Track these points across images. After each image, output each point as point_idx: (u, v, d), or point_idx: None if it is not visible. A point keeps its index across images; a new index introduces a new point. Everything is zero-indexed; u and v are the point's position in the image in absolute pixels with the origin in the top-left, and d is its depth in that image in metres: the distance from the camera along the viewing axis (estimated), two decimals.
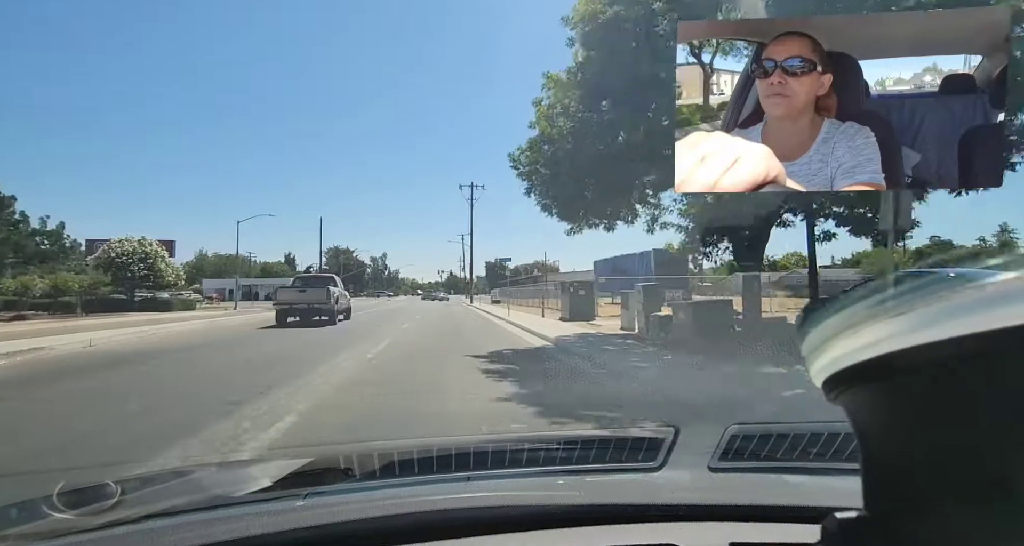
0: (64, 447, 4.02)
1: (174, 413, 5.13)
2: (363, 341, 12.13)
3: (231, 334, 15.30)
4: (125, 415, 5.07)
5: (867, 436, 0.56)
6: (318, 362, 8.49)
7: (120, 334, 13.54)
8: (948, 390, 0.45)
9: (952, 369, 0.43)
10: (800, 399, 5.02)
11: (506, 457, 1.40)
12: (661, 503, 0.99)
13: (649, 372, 7.53)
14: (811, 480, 1.27)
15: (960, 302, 0.40)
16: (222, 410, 4.93)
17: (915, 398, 0.48)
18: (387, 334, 14.10)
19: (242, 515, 0.92)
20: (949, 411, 0.46)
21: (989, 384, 0.41)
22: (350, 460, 1.45)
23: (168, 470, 1.67)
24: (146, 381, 7.40)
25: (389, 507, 0.94)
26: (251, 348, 11.37)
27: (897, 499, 0.53)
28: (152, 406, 5.47)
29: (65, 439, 4.24)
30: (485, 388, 6.20)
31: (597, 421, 4.72)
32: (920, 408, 0.48)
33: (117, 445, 4.06)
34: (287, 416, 4.76)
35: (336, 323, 18.50)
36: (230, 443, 3.98)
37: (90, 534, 0.88)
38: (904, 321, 0.44)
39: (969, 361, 0.41)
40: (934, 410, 0.47)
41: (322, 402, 5.51)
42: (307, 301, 18.60)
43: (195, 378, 7.70)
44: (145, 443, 3.98)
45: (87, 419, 4.95)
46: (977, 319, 0.38)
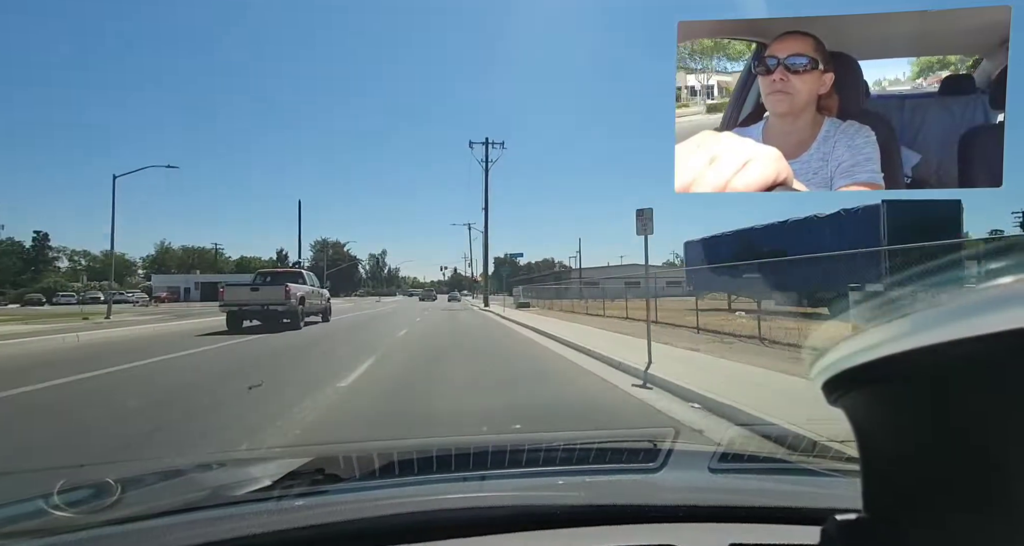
0: None
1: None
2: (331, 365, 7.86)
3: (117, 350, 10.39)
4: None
5: (867, 438, 0.56)
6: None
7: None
8: (948, 393, 0.45)
9: (952, 372, 0.43)
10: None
11: (506, 458, 1.40)
12: (661, 504, 0.99)
13: None
14: (811, 481, 1.28)
15: (960, 305, 0.41)
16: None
17: (915, 401, 0.48)
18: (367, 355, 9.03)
19: (241, 514, 0.93)
20: (949, 414, 0.46)
21: (989, 387, 0.42)
22: (349, 460, 1.45)
23: (168, 469, 1.66)
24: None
25: (388, 507, 0.95)
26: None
27: (897, 501, 0.53)
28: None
29: None
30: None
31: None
32: (920, 411, 0.48)
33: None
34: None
35: (301, 327, 15.52)
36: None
37: (89, 532, 0.88)
38: (904, 324, 0.44)
39: (969, 364, 0.41)
40: (934, 413, 0.47)
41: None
42: (261, 301, 15.34)
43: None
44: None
45: None
46: (977, 322, 0.38)
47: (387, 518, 0.90)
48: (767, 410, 4.45)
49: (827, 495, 1.05)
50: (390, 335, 13.87)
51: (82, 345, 11.97)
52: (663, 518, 0.95)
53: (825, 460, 1.73)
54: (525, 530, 0.90)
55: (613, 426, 4.49)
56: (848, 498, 0.71)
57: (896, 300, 0.48)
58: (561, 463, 1.38)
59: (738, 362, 7.74)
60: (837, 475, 1.21)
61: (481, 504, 0.99)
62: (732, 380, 6.27)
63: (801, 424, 3.71)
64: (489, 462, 1.38)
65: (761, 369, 7.00)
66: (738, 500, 1.03)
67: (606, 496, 1.05)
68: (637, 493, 1.10)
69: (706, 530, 0.92)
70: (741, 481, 1.29)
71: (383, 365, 8.16)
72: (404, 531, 0.87)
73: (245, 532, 0.84)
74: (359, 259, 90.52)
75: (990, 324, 0.37)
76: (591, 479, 1.20)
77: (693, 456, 1.49)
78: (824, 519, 0.62)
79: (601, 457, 1.40)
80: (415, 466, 1.32)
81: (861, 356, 0.48)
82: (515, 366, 8.32)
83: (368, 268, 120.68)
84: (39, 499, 1.04)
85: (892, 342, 0.45)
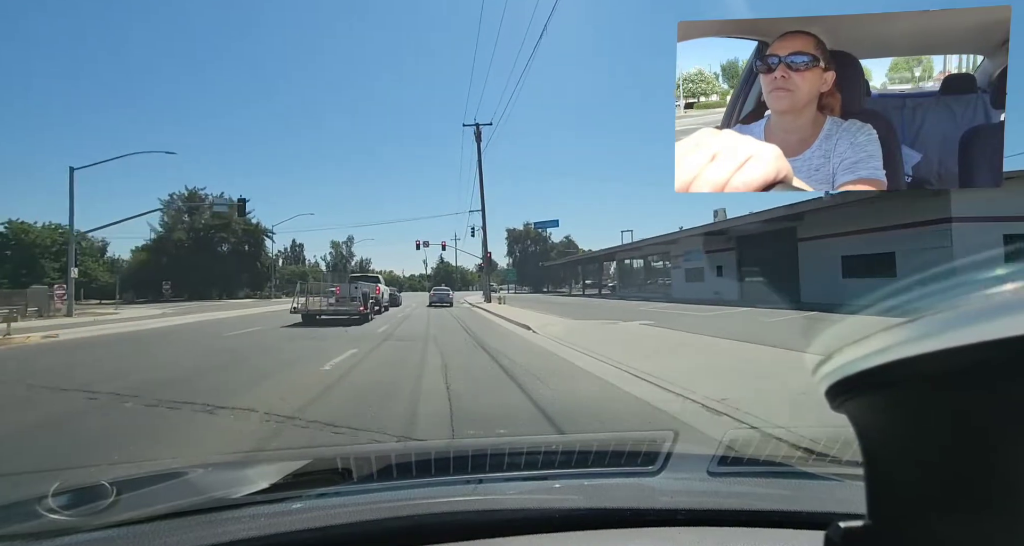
0: None
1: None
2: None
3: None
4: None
5: (871, 443, 0.56)
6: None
7: None
8: (952, 399, 0.45)
9: (957, 378, 0.43)
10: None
11: (504, 461, 1.39)
12: (660, 507, 0.99)
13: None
14: (811, 485, 1.27)
15: (965, 312, 0.41)
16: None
17: (920, 406, 0.48)
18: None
19: (238, 517, 0.91)
20: (953, 420, 0.45)
21: (996, 393, 0.41)
22: (348, 462, 1.44)
23: (164, 471, 1.65)
24: None
25: (386, 510, 0.94)
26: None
27: (901, 507, 0.53)
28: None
29: None
30: None
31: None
32: (924, 416, 0.48)
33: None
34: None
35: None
36: None
37: (84, 535, 0.86)
38: (909, 330, 0.44)
39: (974, 370, 0.41)
40: (938, 418, 0.46)
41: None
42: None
43: None
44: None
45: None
46: (982, 329, 0.38)
47: (385, 521, 0.89)
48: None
49: (827, 499, 1.04)
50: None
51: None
52: (662, 522, 0.94)
53: (825, 464, 1.72)
54: (524, 533, 0.89)
55: None
56: (849, 502, 0.71)
57: (901, 307, 0.48)
58: (560, 466, 1.37)
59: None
60: (837, 479, 1.20)
61: (480, 507, 0.98)
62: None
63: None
64: (488, 465, 1.37)
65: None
66: (737, 504, 1.02)
67: (604, 499, 1.04)
68: (635, 496, 1.09)
69: (705, 534, 0.91)
70: (740, 484, 1.28)
71: None
72: (402, 535, 0.86)
73: (242, 535, 0.83)
74: (267, 230, 61.51)
75: (997, 330, 0.37)
76: (589, 482, 1.19)
77: (692, 459, 1.48)
78: (824, 524, 0.61)
79: (600, 460, 1.39)
80: (413, 469, 1.31)
81: (866, 361, 0.48)
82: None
83: (329, 259, 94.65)
84: (33, 502, 1.03)
85: (899, 347, 0.45)
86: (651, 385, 6.48)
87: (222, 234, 60.24)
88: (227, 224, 57.79)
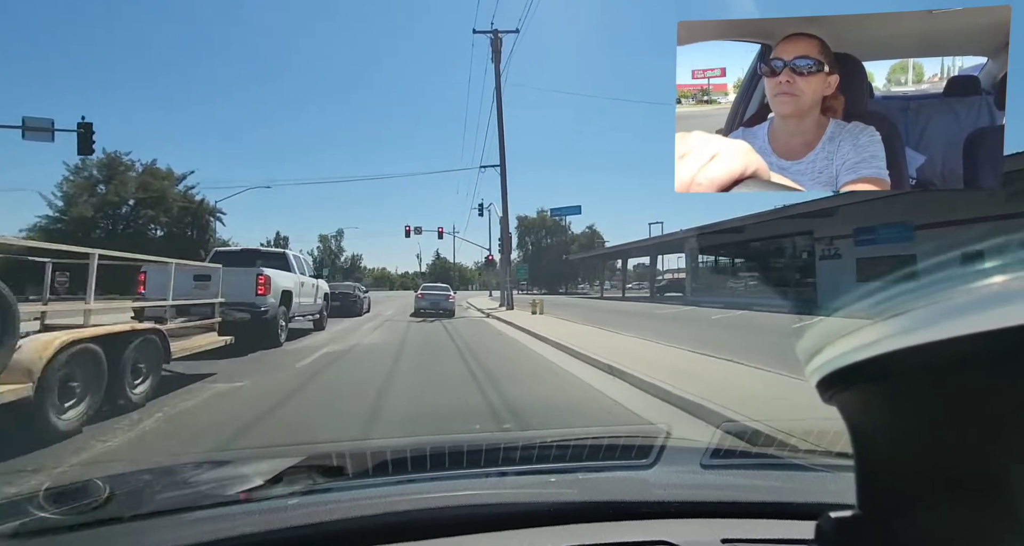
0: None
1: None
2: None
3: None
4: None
5: (862, 436, 0.56)
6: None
7: None
8: (943, 391, 0.45)
9: (947, 370, 0.43)
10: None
11: (499, 456, 1.39)
12: (653, 500, 0.99)
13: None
14: (801, 477, 1.29)
15: (956, 304, 0.41)
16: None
17: (910, 398, 0.48)
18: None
19: (232, 514, 0.91)
20: (944, 411, 0.46)
21: (984, 385, 0.42)
22: (342, 458, 1.44)
23: (157, 468, 1.64)
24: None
25: (381, 505, 0.93)
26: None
27: (891, 498, 0.53)
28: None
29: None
30: None
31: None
32: (915, 408, 0.48)
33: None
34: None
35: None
36: None
37: (75, 533, 0.85)
38: (900, 322, 0.44)
39: (964, 362, 0.41)
40: (929, 410, 0.47)
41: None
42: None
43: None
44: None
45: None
46: (972, 321, 0.39)
47: (380, 516, 0.88)
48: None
49: (818, 490, 1.05)
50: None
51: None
52: (656, 514, 0.95)
53: (816, 455, 1.74)
54: (519, 527, 0.89)
55: None
56: (839, 493, 0.71)
57: (892, 299, 0.48)
58: (554, 461, 1.38)
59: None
60: (828, 470, 1.21)
61: (475, 502, 0.98)
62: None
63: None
64: (483, 460, 1.37)
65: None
66: (730, 496, 1.03)
67: (599, 493, 1.04)
68: (630, 490, 1.10)
69: (698, 526, 0.92)
70: (733, 477, 1.30)
71: None
72: (398, 530, 0.85)
73: (236, 532, 0.82)
74: (214, 209, 41.83)
75: (987, 321, 0.38)
76: (584, 476, 1.20)
77: (685, 453, 1.49)
78: (815, 514, 0.62)
79: (594, 454, 1.40)
80: (409, 464, 1.31)
81: (857, 354, 0.48)
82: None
83: (317, 254, 77.14)
84: (24, 500, 1.02)
85: (889, 340, 0.45)
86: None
87: (151, 211, 40.56)
88: (159, 199, 39.99)
